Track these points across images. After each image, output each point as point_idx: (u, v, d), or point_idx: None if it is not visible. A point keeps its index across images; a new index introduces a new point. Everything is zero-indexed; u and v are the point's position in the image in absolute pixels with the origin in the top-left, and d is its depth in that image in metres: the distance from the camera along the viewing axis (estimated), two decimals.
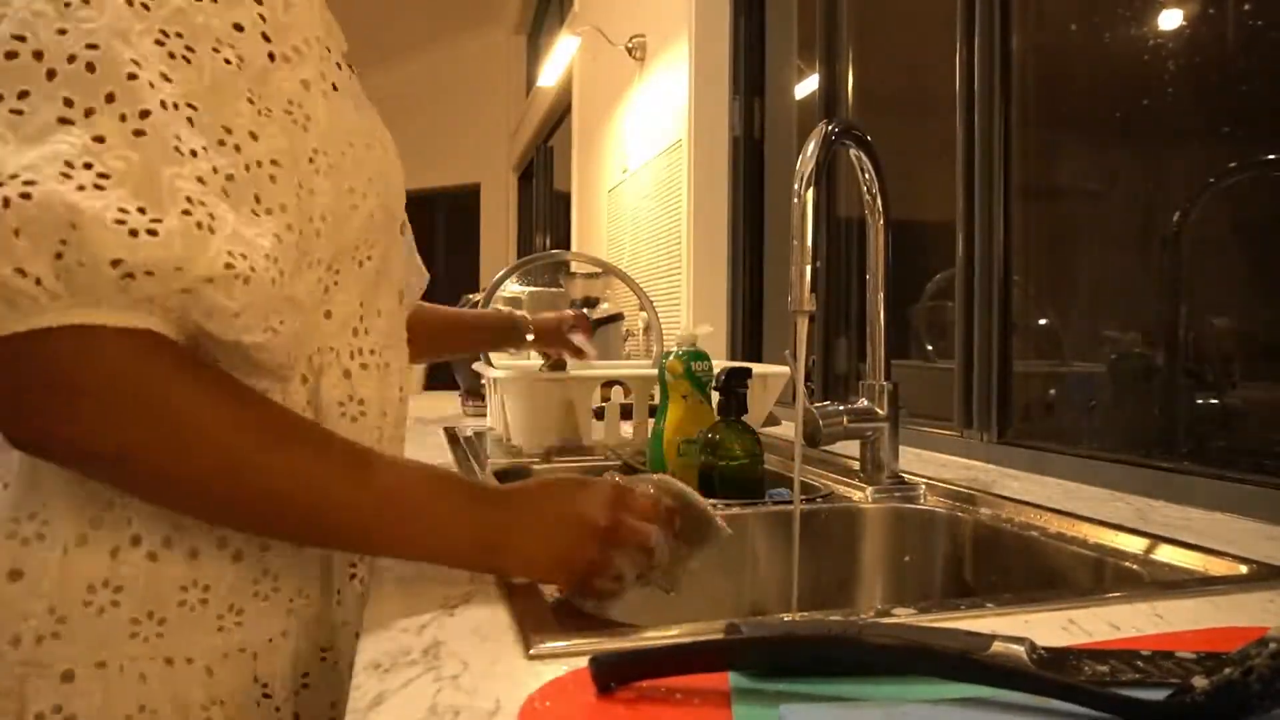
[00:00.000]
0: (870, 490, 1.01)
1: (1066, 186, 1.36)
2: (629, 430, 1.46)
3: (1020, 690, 0.40)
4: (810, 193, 0.88)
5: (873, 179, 1.02)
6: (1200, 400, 1.10)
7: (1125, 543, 0.78)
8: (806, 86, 2.13)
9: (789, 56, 2.23)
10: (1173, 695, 0.38)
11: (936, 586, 0.95)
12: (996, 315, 1.32)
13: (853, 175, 1.07)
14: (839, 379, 1.91)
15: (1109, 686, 0.41)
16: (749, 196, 2.31)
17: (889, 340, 1.05)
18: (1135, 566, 0.74)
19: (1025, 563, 0.85)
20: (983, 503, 0.95)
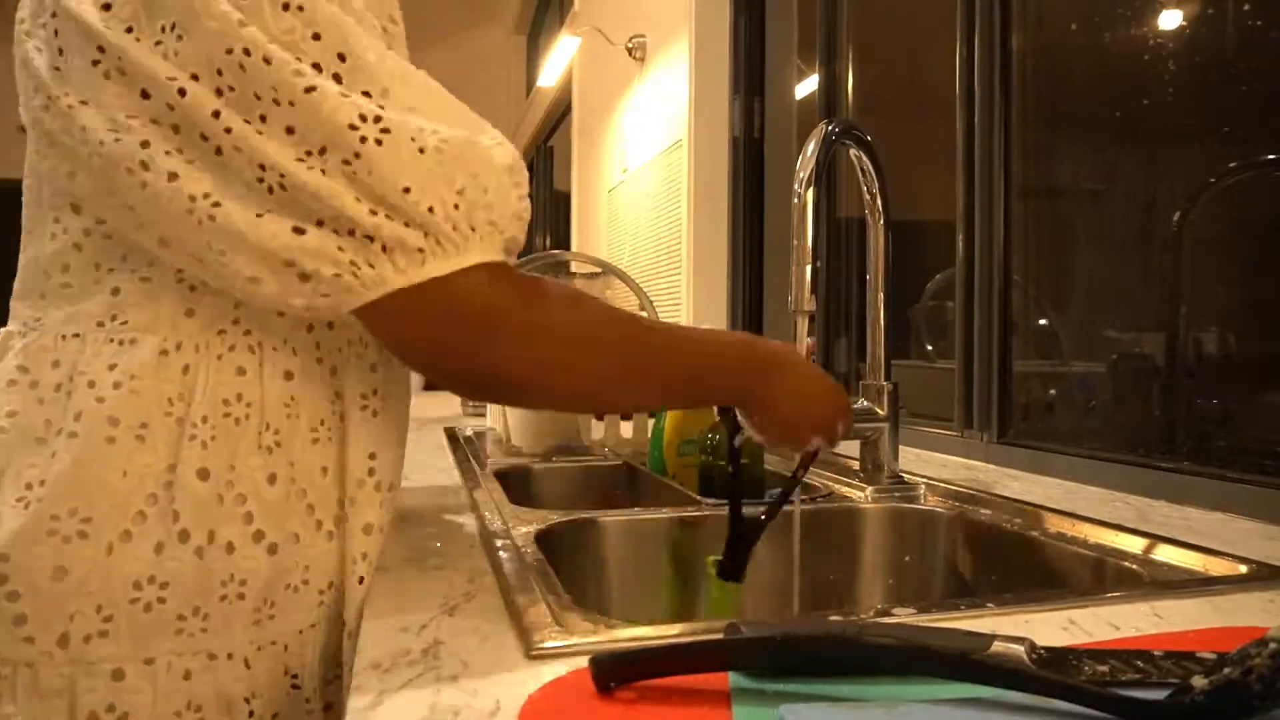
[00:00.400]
0: (870, 490, 1.01)
1: (1066, 186, 1.36)
2: (629, 430, 1.46)
3: (1020, 690, 0.40)
4: (810, 193, 0.89)
5: (873, 179, 1.02)
6: (1200, 400, 1.10)
7: (1125, 543, 0.78)
8: (806, 86, 2.13)
9: (789, 56, 2.23)
10: (1173, 695, 0.38)
11: (936, 586, 0.95)
12: (996, 315, 1.32)
13: (853, 175, 1.07)
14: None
15: (1109, 686, 0.41)
16: (749, 196, 2.31)
17: (889, 340, 1.05)
18: (1135, 566, 0.74)
19: (1025, 563, 0.85)
20: (983, 503, 0.95)
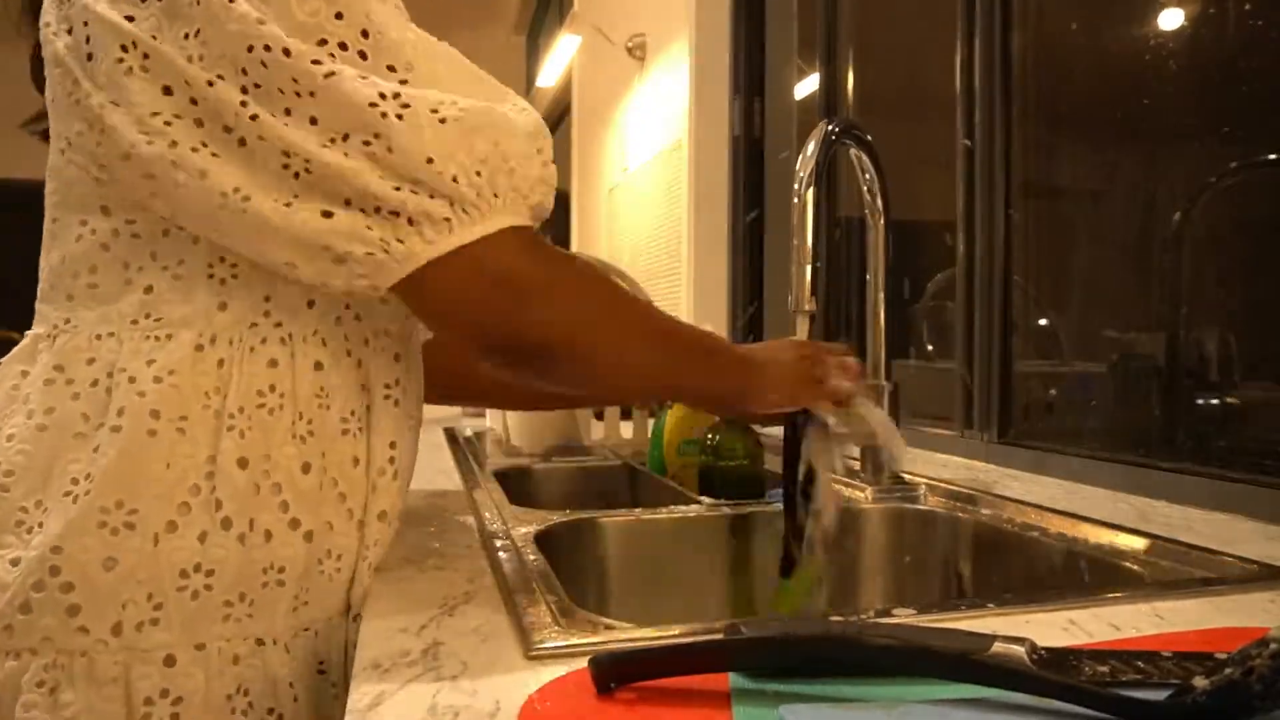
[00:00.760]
0: (871, 490, 1.01)
1: (1066, 186, 1.36)
2: (629, 430, 1.46)
3: (1020, 690, 0.40)
4: (810, 193, 0.89)
5: (873, 179, 1.02)
6: (1200, 400, 1.10)
7: (1125, 543, 0.78)
8: (806, 86, 2.13)
9: (789, 56, 2.23)
10: (1173, 695, 0.38)
11: (936, 586, 0.95)
12: (996, 315, 1.32)
13: (853, 175, 1.07)
14: None
15: (1109, 687, 0.41)
16: (749, 196, 2.31)
17: (889, 340, 1.04)
18: (1135, 566, 0.74)
19: (1025, 563, 0.85)
20: (983, 503, 0.95)
